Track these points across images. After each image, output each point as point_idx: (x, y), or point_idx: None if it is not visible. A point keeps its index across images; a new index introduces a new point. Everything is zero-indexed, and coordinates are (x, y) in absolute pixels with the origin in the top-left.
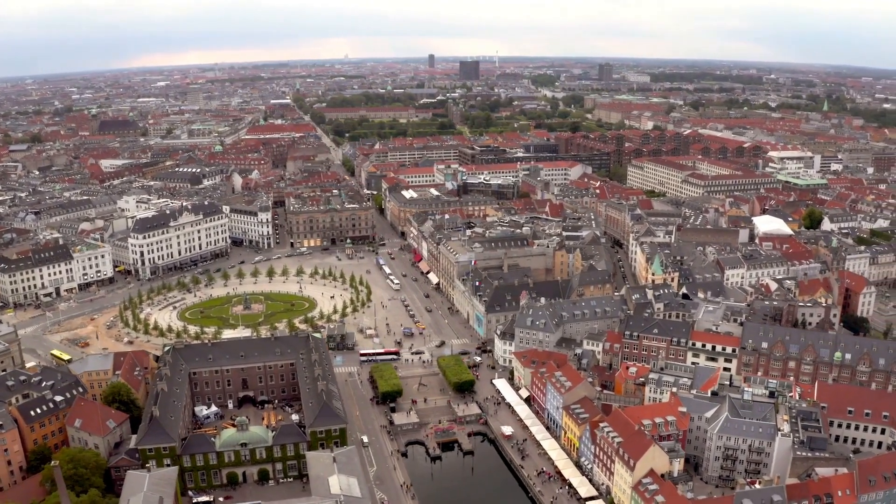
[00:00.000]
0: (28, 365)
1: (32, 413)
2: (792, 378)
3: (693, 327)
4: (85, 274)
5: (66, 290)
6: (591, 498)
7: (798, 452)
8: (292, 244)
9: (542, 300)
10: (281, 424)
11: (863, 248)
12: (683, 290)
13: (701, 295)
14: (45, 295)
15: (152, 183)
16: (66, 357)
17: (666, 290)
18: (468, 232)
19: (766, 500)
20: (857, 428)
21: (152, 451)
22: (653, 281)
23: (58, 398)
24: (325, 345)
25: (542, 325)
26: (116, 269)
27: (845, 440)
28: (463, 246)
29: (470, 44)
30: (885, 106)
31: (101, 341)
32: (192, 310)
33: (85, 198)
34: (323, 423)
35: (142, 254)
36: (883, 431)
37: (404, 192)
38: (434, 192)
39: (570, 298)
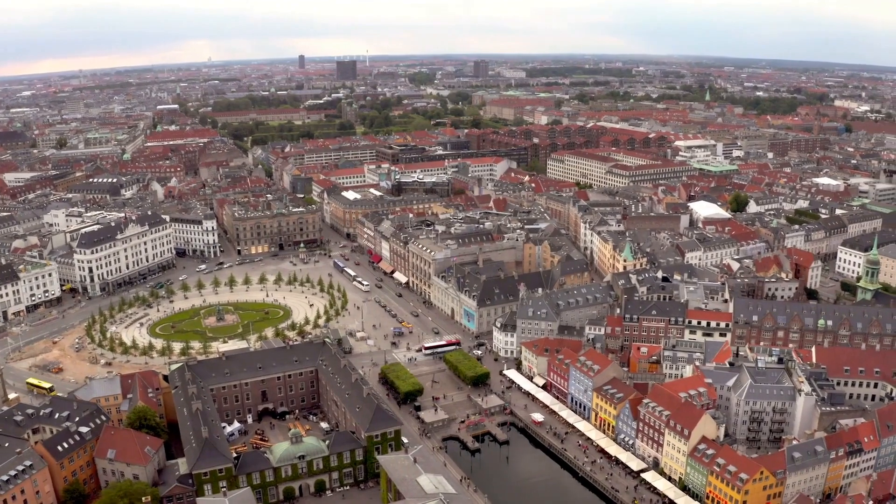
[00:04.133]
0: (10, 396)
1: (60, 448)
2: (792, 346)
3: (687, 307)
4: (32, 295)
5: (14, 314)
6: (643, 470)
7: (823, 408)
8: (239, 251)
9: (540, 290)
10: (335, 432)
11: (797, 227)
12: (660, 273)
13: (678, 277)
14: None
15: (70, 195)
16: (46, 385)
17: (647, 275)
18: (440, 229)
19: (811, 451)
20: (853, 384)
21: (207, 475)
22: (624, 267)
23: (83, 429)
24: (341, 350)
25: (544, 314)
26: (63, 288)
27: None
28: (436, 244)
29: (338, 44)
30: (759, 94)
31: (74, 365)
32: (160, 325)
33: (5, 214)
34: (378, 427)
35: (90, 270)
36: (876, 385)
37: (346, 194)
38: (376, 192)
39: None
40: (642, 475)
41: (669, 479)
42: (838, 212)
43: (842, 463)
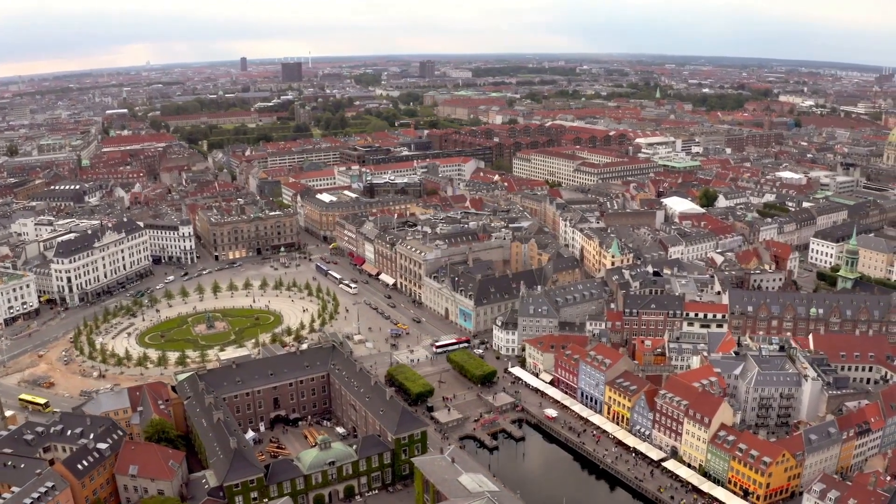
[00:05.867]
0: (7, 414)
1: (80, 466)
2: (788, 334)
3: (684, 300)
4: (10, 307)
5: None
6: (663, 459)
7: (830, 392)
8: (217, 257)
9: (539, 288)
10: (362, 437)
11: (769, 220)
12: (650, 267)
13: (667, 271)
14: None
15: (34, 203)
16: (41, 401)
17: (639, 270)
18: (426, 230)
19: (826, 433)
20: (850, 369)
21: (239, 487)
22: (612, 263)
23: (102, 445)
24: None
25: (545, 311)
26: (39, 299)
27: None
28: (424, 244)
29: (278, 45)
30: (705, 91)
31: (65, 379)
32: (149, 334)
33: None
34: (406, 429)
35: (69, 280)
36: (871, 369)
37: (320, 197)
38: (350, 194)
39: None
40: (663, 464)
41: (689, 466)
42: (806, 204)
43: (852, 443)
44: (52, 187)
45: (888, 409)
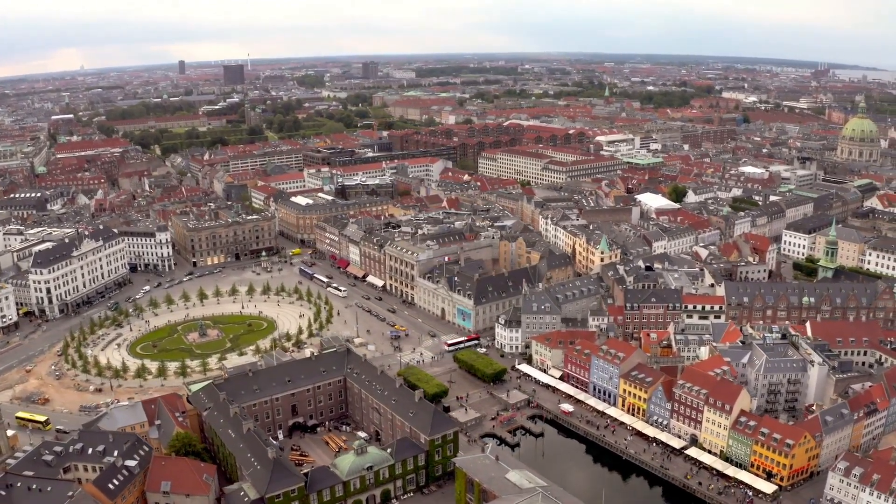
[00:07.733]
0: (9, 434)
1: (111, 486)
2: (786, 323)
3: (681, 293)
4: None
5: None
6: (684, 448)
7: (837, 375)
8: (195, 263)
9: (541, 286)
10: (397, 439)
11: (742, 213)
12: (640, 262)
13: (658, 265)
14: None
15: None
16: (40, 418)
17: (632, 265)
18: (417, 231)
19: (839, 415)
20: (847, 353)
21: (280, 497)
22: (601, 260)
23: (130, 463)
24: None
25: (548, 308)
26: (18, 312)
27: None
28: (415, 245)
29: (214, 48)
30: (649, 88)
31: (60, 394)
32: (140, 344)
33: None
34: (439, 430)
35: (48, 291)
36: (865, 353)
37: (296, 200)
38: (325, 196)
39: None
40: (685, 452)
41: (710, 452)
42: (773, 198)
43: (862, 423)
44: (12, 196)
45: (892, 389)
